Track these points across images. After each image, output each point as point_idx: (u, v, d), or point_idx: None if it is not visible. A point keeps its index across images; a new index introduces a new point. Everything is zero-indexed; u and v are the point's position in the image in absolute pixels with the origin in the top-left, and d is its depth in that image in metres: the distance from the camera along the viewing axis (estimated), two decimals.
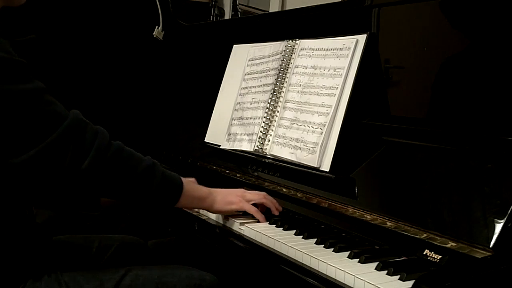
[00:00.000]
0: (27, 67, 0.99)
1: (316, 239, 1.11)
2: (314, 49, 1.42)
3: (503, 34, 1.07)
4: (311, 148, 1.30)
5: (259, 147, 1.47)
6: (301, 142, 1.33)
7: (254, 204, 1.29)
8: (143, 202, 1.13)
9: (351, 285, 0.93)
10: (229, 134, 1.61)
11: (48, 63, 2.13)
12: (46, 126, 0.97)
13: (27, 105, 0.96)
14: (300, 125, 1.36)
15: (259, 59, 1.62)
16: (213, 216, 1.34)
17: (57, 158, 0.97)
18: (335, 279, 0.96)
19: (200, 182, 1.46)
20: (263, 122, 1.48)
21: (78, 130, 1.00)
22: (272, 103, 1.48)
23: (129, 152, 1.08)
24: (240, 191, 1.30)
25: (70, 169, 0.99)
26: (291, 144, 1.36)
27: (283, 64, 1.49)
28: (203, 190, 1.25)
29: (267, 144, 1.45)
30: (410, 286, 0.85)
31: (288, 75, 1.47)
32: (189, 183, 1.20)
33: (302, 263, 1.05)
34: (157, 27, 2.27)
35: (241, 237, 1.23)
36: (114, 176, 1.05)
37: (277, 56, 1.53)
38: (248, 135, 1.53)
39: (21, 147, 0.96)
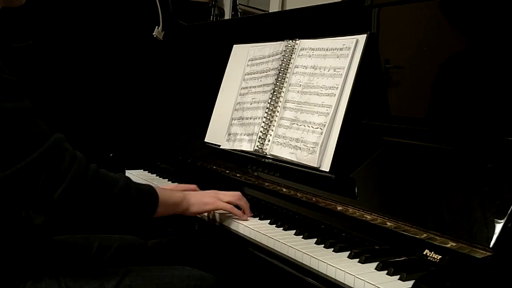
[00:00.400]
0: (16, 85, 0.98)
1: (316, 239, 1.12)
2: (314, 49, 1.42)
3: (503, 34, 1.07)
4: (311, 148, 1.30)
5: (259, 147, 1.47)
6: (301, 142, 1.33)
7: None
8: (121, 220, 1.15)
9: (351, 285, 0.93)
10: (229, 134, 1.61)
11: (47, 63, 2.13)
12: (23, 148, 0.95)
13: (10, 125, 0.95)
14: (300, 125, 1.36)
15: (259, 59, 1.61)
16: (213, 216, 1.34)
17: (28, 184, 0.96)
18: (335, 279, 0.97)
19: (200, 182, 1.47)
20: (263, 122, 1.48)
21: (54, 157, 0.98)
22: (272, 103, 1.48)
23: (103, 176, 1.07)
24: (213, 192, 1.32)
25: (40, 197, 0.97)
26: (291, 144, 1.36)
27: (283, 64, 1.49)
28: (177, 195, 1.25)
29: (267, 144, 1.45)
30: (410, 286, 0.85)
31: (288, 75, 1.47)
32: (163, 192, 1.20)
33: (302, 263, 1.05)
34: (157, 27, 2.27)
35: (241, 237, 1.23)
36: (90, 203, 1.04)
37: (277, 56, 1.53)
38: (248, 135, 1.53)
39: None
